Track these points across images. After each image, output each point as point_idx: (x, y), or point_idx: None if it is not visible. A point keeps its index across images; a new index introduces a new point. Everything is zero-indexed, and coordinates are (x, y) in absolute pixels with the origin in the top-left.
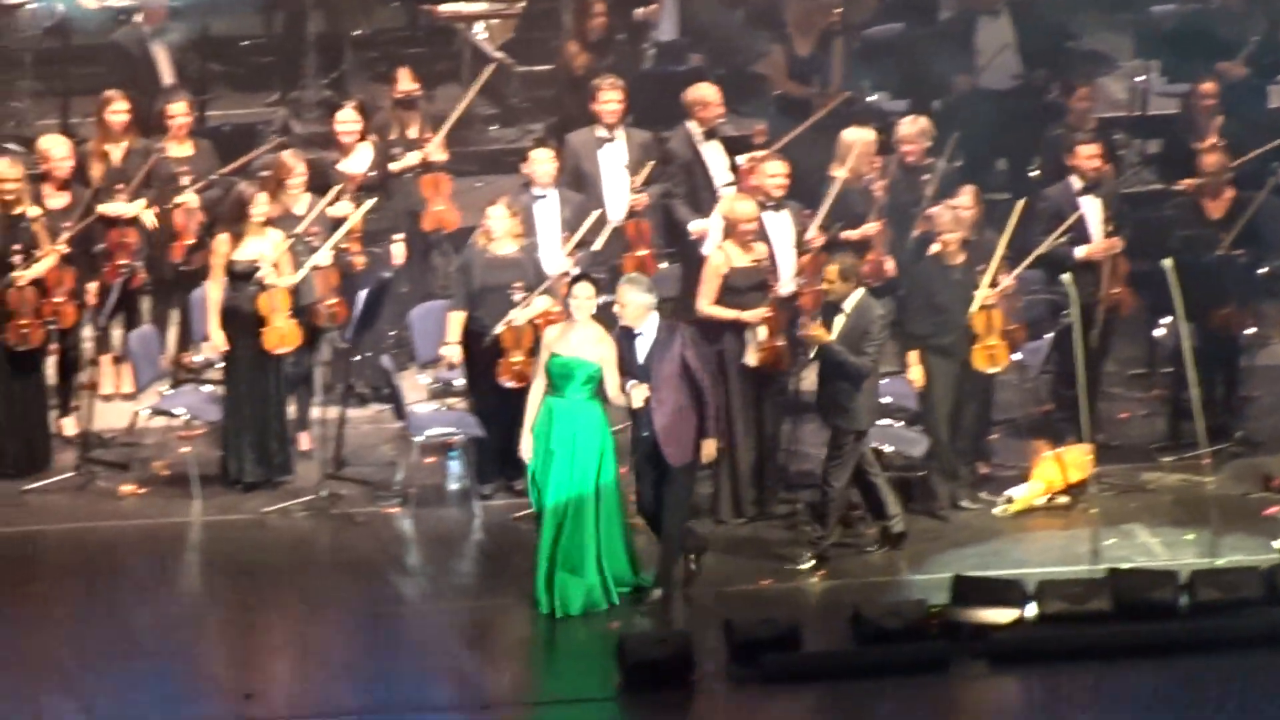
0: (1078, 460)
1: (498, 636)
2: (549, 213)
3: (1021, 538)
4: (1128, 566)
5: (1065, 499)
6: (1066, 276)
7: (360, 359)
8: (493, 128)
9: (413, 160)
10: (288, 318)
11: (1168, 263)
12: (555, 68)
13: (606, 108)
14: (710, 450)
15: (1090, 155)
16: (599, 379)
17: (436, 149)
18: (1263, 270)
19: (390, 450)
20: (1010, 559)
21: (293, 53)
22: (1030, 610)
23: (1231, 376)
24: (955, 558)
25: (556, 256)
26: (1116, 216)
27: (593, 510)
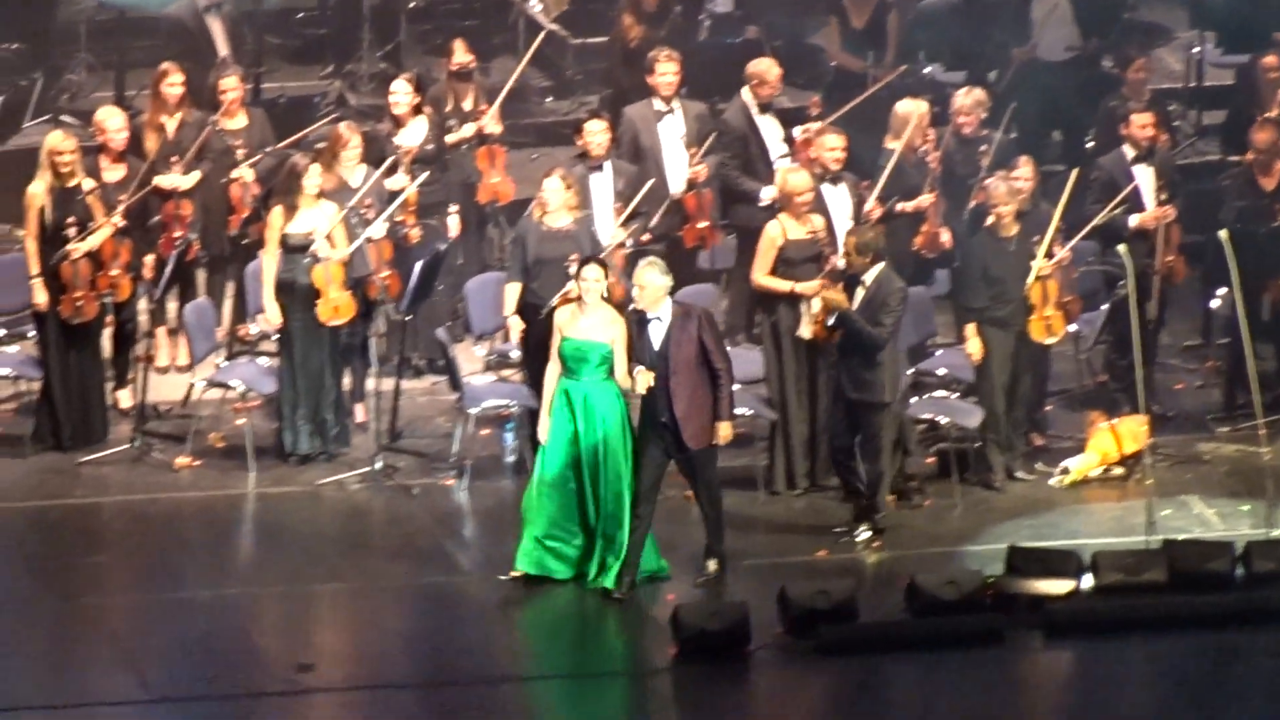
0: (1133, 431)
1: (553, 608)
2: (603, 185)
3: (1077, 509)
4: (1183, 538)
5: (1120, 470)
6: (1122, 247)
7: (416, 331)
8: (548, 100)
9: (468, 132)
10: (341, 290)
11: (1224, 234)
12: (610, 40)
13: (663, 80)
14: (726, 433)
15: (1143, 124)
16: (613, 359)
17: (492, 121)
18: None
19: (446, 422)
20: (1065, 530)
21: (348, 25)
22: (1085, 581)
23: None
24: (1011, 529)
25: (610, 228)
26: (1169, 186)
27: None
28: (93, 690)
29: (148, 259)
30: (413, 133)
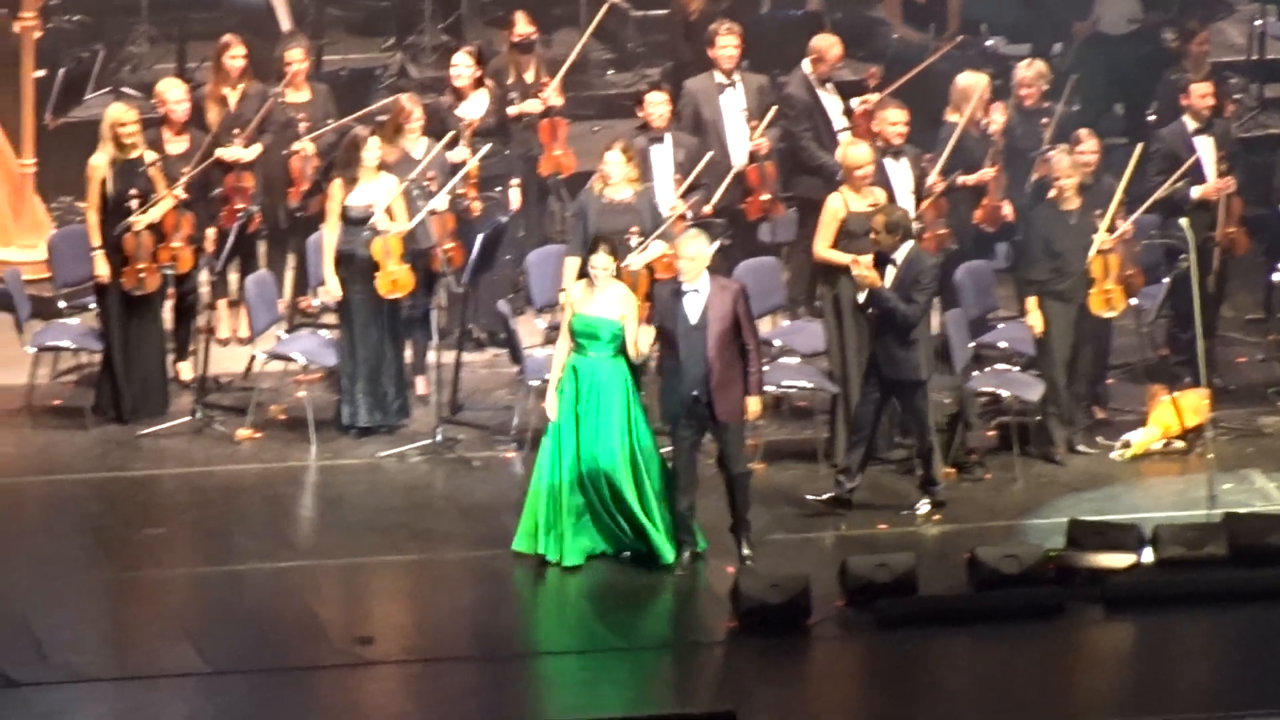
0: (1194, 405)
1: (612, 581)
2: (664, 157)
3: (1138, 482)
4: (1244, 511)
5: (1181, 444)
6: (1184, 220)
7: (477, 304)
8: (609, 72)
9: (530, 105)
10: (400, 263)
11: None
12: (671, 12)
13: (724, 53)
14: (755, 408)
15: (1203, 94)
16: (623, 336)
17: (553, 93)
18: None
19: (506, 394)
20: (1126, 504)
21: None
22: (1146, 555)
23: None
24: (1072, 502)
25: (671, 200)
26: (1230, 157)
27: (626, 466)
28: (152, 662)
29: (209, 231)
30: (474, 105)
